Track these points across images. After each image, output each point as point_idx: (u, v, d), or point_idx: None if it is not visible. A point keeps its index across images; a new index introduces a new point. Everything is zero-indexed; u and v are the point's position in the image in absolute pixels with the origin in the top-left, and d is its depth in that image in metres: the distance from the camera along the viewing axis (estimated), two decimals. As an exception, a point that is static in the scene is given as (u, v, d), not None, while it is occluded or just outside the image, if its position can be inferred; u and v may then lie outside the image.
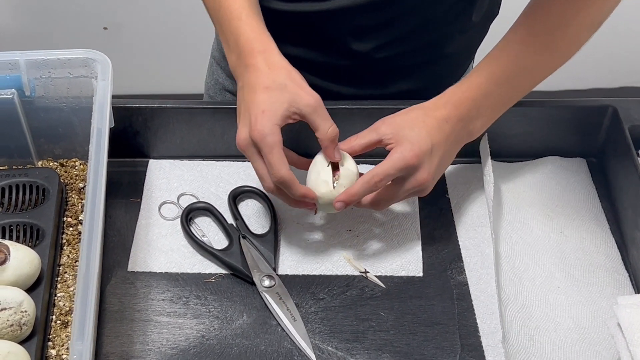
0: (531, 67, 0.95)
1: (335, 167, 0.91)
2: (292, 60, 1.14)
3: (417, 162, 0.89)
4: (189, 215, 1.00)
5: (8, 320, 0.80)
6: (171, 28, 2.28)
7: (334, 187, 0.90)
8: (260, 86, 0.87)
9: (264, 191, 1.02)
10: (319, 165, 0.91)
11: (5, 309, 0.80)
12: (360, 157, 0.94)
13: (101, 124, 0.89)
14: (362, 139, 0.92)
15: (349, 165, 0.91)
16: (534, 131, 1.07)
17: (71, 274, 0.92)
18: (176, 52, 2.33)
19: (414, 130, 0.90)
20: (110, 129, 0.90)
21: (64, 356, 0.84)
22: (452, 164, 1.07)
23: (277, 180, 0.87)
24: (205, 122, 1.05)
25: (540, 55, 0.94)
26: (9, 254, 0.84)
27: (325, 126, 0.88)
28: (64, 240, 0.95)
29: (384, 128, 0.91)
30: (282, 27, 1.11)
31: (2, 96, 0.96)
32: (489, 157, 1.04)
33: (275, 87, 0.87)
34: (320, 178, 0.90)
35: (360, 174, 0.91)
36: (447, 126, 0.92)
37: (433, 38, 1.09)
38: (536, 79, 0.97)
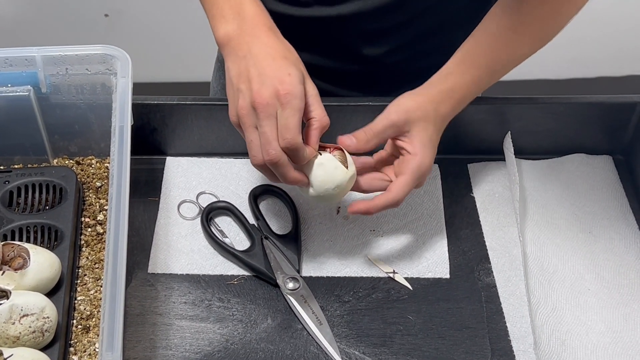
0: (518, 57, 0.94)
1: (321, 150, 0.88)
2: None
3: (430, 169, 0.90)
4: (209, 215, 0.98)
5: (30, 327, 0.78)
6: (174, 14, 2.25)
7: (347, 167, 0.86)
8: (278, 55, 0.84)
9: (284, 190, 1.00)
10: (317, 160, 0.86)
11: (27, 315, 0.78)
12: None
13: (123, 122, 0.86)
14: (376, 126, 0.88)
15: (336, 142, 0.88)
16: (560, 128, 1.05)
17: (91, 276, 0.90)
18: (180, 38, 2.30)
19: (423, 130, 0.89)
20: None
21: (86, 362, 0.82)
22: (476, 162, 1.06)
23: (290, 146, 0.81)
24: (225, 119, 1.01)
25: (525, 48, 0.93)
26: (29, 258, 0.82)
27: (322, 111, 0.85)
28: (83, 242, 0.93)
29: (394, 116, 0.88)
30: (292, 32, 1.08)
31: (18, 93, 0.93)
32: (513, 156, 1.02)
33: (292, 59, 0.84)
34: (329, 168, 0.85)
35: None
36: (444, 124, 0.91)
37: (447, 39, 1.06)
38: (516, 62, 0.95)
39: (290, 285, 0.91)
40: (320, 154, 0.86)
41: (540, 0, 0.89)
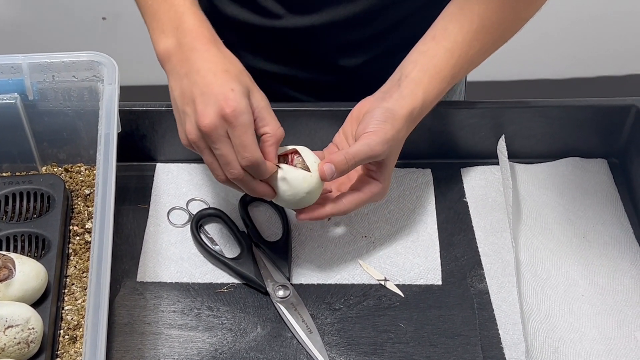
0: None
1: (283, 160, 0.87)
2: (274, 77, 1.09)
3: (385, 194, 0.90)
4: (199, 222, 0.97)
5: (15, 338, 0.77)
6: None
7: (310, 171, 0.85)
8: (219, 69, 0.81)
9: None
10: (280, 173, 0.84)
11: (12, 326, 0.77)
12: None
13: (109, 129, 0.85)
14: (356, 155, 0.84)
15: (299, 147, 0.87)
16: (554, 131, 1.04)
17: (79, 285, 0.89)
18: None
19: (395, 159, 0.88)
20: (117, 133, 0.87)
21: (73, 373, 0.81)
22: (469, 166, 1.05)
23: (251, 164, 0.80)
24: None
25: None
26: (15, 268, 0.81)
27: (275, 123, 0.83)
28: (71, 250, 0.92)
29: (379, 148, 0.85)
30: (267, 44, 1.07)
31: (4, 101, 0.93)
32: (507, 160, 1.01)
33: (234, 72, 0.82)
34: (292, 180, 0.84)
35: None
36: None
37: None
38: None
39: (281, 293, 0.90)
40: (280, 167, 0.84)
41: (500, 7, 0.88)
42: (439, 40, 0.89)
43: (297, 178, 0.84)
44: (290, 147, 0.87)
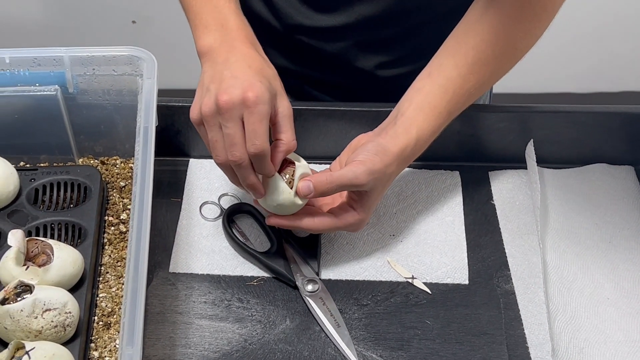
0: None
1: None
2: (292, 74, 1.10)
3: (361, 227, 0.92)
4: (230, 217, 0.99)
5: (52, 322, 0.79)
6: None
7: (292, 188, 0.87)
8: (255, 65, 0.85)
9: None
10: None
11: (49, 309, 0.79)
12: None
13: (147, 122, 0.88)
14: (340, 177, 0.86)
15: (301, 162, 0.89)
16: (582, 138, 1.05)
17: (113, 274, 0.91)
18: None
19: (379, 194, 0.90)
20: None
21: (106, 358, 0.83)
22: (497, 169, 1.06)
23: (259, 152, 0.82)
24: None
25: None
26: (53, 254, 0.83)
27: (292, 134, 0.86)
28: (106, 240, 0.94)
29: (363, 177, 0.86)
30: (284, 42, 1.08)
31: (45, 92, 0.95)
32: (535, 164, 1.02)
33: (267, 74, 0.85)
34: (272, 186, 0.87)
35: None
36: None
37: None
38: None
39: (309, 287, 0.92)
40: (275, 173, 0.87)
41: (495, 39, 0.88)
42: (434, 77, 0.90)
43: (275, 187, 0.87)
44: (294, 156, 0.89)
